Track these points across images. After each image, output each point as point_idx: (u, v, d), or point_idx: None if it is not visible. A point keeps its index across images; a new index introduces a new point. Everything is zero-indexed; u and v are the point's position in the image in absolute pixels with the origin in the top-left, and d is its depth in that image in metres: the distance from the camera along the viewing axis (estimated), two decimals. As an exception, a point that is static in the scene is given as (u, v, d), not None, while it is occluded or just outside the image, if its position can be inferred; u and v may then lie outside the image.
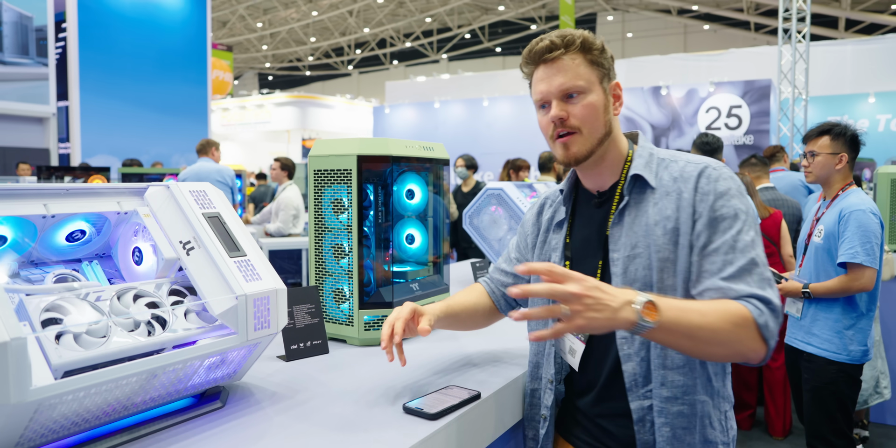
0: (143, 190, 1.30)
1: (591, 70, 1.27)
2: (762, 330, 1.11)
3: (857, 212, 2.57)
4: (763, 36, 23.14)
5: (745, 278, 1.15)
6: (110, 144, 11.18)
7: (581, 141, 1.27)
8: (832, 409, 2.66)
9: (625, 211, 1.29)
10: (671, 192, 1.25)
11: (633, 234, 1.26)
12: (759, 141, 10.21)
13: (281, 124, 23.38)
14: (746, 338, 1.10)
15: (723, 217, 1.20)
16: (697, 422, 1.24)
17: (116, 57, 11.60)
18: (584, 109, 1.26)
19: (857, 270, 2.55)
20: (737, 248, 1.17)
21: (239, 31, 29.05)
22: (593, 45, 1.27)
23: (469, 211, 2.73)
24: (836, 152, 2.70)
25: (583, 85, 1.26)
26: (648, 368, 1.25)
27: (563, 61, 1.26)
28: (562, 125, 1.27)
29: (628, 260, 1.26)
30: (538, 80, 1.30)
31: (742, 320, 1.10)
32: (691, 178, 1.24)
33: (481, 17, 27.46)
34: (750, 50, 14.26)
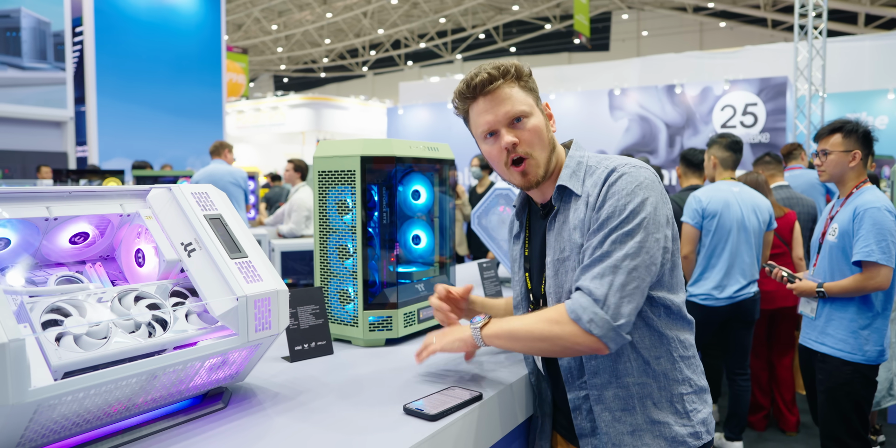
0: (146, 192, 1.31)
1: (527, 95, 1.35)
2: (577, 323, 1.19)
3: (871, 209, 2.53)
4: (780, 33, 22.87)
5: (590, 270, 1.23)
6: (127, 147, 11.31)
7: (535, 165, 1.34)
8: (847, 410, 2.61)
9: (556, 218, 1.37)
10: (586, 197, 1.32)
11: (561, 239, 1.34)
12: (776, 139, 10.08)
13: (295, 126, 23.51)
14: (565, 333, 1.20)
15: (608, 215, 1.25)
16: (637, 403, 1.32)
17: (132, 61, 11.74)
18: (531, 133, 1.33)
19: (872, 269, 2.51)
20: (605, 242, 1.23)
21: (254, 33, 29.27)
22: (523, 72, 1.35)
23: (477, 211, 2.72)
24: (849, 149, 2.66)
25: (526, 109, 1.33)
26: (581, 361, 1.34)
27: (502, 90, 1.32)
28: (515, 151, 1.33)
29: (558, 263, 1.34)
30: (481, 112, 1.35)
31: (557, 318, 1.22)
32: (600, 181, 1.30)
33: (495, 17, 27.42)
34: (766, 47, 14.10)
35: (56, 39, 11.04)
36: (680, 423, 1.32)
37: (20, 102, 10.56)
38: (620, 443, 1.31)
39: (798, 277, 2.79)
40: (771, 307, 3.78)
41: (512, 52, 29.49)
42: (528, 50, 29.09)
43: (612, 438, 1.32)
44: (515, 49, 29.35)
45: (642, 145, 11.05)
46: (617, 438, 1.32)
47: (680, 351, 1.36)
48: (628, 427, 1.31)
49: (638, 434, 1.31)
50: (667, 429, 1.31)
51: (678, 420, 1.32)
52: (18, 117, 10.61)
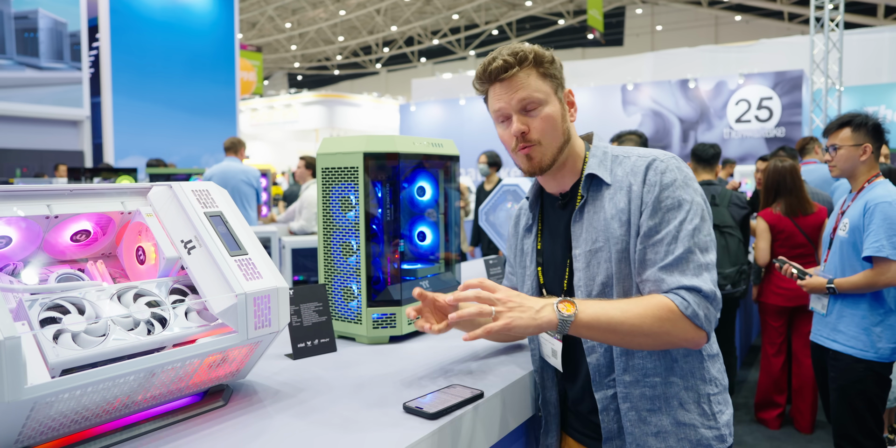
0: (147, 190, 1.31)
1: (545, 82, 1.32)
2: (693, 319, 1.17)
3: (882, 204, 2.49)
4: (797, 25, 22.56)
5: (680, 267, 1.21)
6: (142, 146, 11.42)
7: (542, 152, 1.32)
8: (860, 408, 2.57)
9: (584, 208, 1.34)
10: (623, 187, 1.30)
11: (593, 230, 1.31)
12: (791, 133, 9.95)
13: (309, 123, 23.60)
14: (675, 329, 1.17)
15: (668, 207, 1.24)
16: (663, 403, 1.28)
17: (147, 60, 11.84)
18: (543, 122, 1.31)
19: (883, 264, 2.46)
20: (678, 238, 1.22)
21: (268, 31, 29.39)
22: (544, 58, 1.32)
23: (485, 207, 2.71)
24: (860, 143, 2.62)
25: (540, 97, 1.30)
26: (611, 357, 1.31)
27: (517, 78, 1.30)
28: (523, 139, 1.32)
29: (590, 254, 1.31)
30: (495, 98, 1.34)
31: (667, 312, 1.17)
32: (640, 171, 1.29)
33: (508, 13, 27.31)
34: (781, 40, 13.92)
35: (72, 40, 11.15)
36: (706, 426, 1.30)
37: (38, 102, 10.69)
38: (644, 444, 1.28)
39: (808, 273, 2.75)
40: (791, 304, 3.72)
41: (525, 47, 29.31)
42: (542, 45, 28.90)
43: (636, 439, 1.29)
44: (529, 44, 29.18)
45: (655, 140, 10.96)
46: (641, 440, 1.28)
47: (707, 349, 1.34)
48: (653, 428, 1.28)
49: (662, 436, 1.28)
50: (692, 431, 1.29)
51: (705, 422, 1.30)
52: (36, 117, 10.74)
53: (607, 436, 1.32)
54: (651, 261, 1.23)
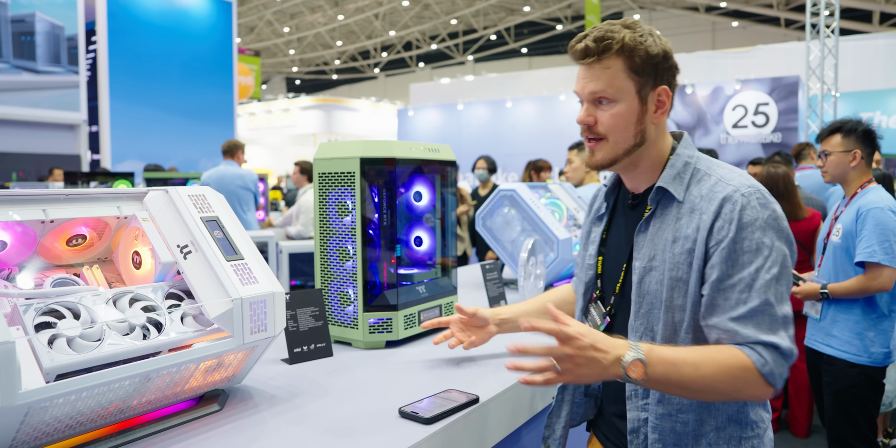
0: (143, 195, 1.31)
1: (627, 77, 1.21)
2: (767, 378, 1.09)
3: (874, 209, 2.50)
4: (794, 32, 22.65)
5: (755, 320, 1.11)
6: (139, 150, 11.40)
7: (606, 149, 1.25)
8: (854, 412, 2.58)
9: (650, 220, 1.26)
10: (696, 210, 1.20)
11: (654, 246, 1.24)
12: (788, 139, 9.98)
13: (307, 128, 23.62)
14: (746, 386, 1.10)
15: (743, 251, 1.13)
16: (691, 441, 1.21)
17: (145, 64, 11.84)
18: (612, 119, 1.22)
19: (875, 270, 2.48)
20: (754, 287, 1.12)
21: (266, 36, 29.42)
22: (635, 49, 1.20)
23: (482, 212, 2.71)
24: (850, 149, 2.64)
25: (611, 93, 1.21)
26: None
27: (597, 66, 1.22)
28: (588, 131, 1.26)
29: (644, 271, 1.24)
30: (577, 78, 1.27)
31: (742, 371, 1.09)
32: (715, 199, 1.17)
33: (507, 18, 27.37)
34: (777, 46, 13.97)
35: (70, 43, 11.14)
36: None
37: (34, 106, 10.66)
38: None
39: (802, 279, 2.76)
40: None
41: (523, 52, 29.43)
42: (539, 51, 29.01)
43: None
44: (527, 50, 29.28)
45: (653, 146, 10.98)
46: None
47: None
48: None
49: None
50: None
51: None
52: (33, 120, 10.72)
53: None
54: (721, 307, 1.14)
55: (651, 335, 1.22)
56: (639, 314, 1.24)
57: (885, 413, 3.56)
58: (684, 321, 1.19)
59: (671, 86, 1.27)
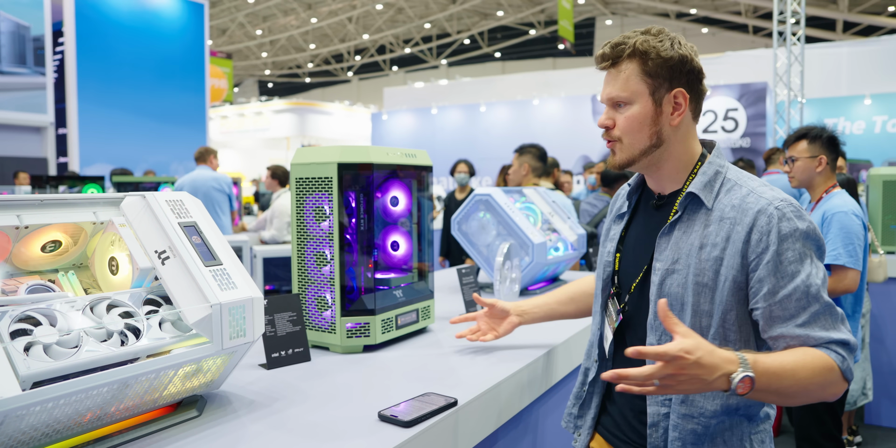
0: (120, 200, 1.30)
1: (641, 80, 1.26)
2: (845, 373, 1.16)
3: (839, 214, 2.59)
4: (761, 39, 23.18)
5: (820, 323, 1.18)
6: (108, 153, 11.21)
7: (622, 150, 1.31)
8: (820, 410, 2.66)
9: (676, 224, 1.30)
10: (725, 219, 1.23)
11: (678, 250, 1.27)
12: (756, 144, 10.21)
13: (280, 131, 23.44)
14: (831, 385, 1.16)
15: (789, 261, 1.18)
16: (708, 442, 1.26)
17: (114, 66, 11.65)
18: (626, 121, 1.29)
19: (840, 272, 2.56)
20: (810, 293, 1.17)
21: (238, 38, 29.16)
22: (648, 53, 1.25)
23: (458, 217, 2.73)
24: (815, 155, 2.73)
25: (626, 96, 1.28)
26: None
27: (613, 71, 1.30)
28: (606, 133, 1.33)
29: (666, 273, 1.28)
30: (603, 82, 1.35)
31: (829, 372, 1.15)
32: (750, 211, 1.21)
33: (480, 23, 27.53)
34: (746, 53, 14.29)
35: (36, 44, 10.92)
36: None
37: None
38: None
39: None
40: None
41: (497, 57, 29.61)
42: (513, 55, 29.23)
43: None
44: (500, 54, 29.48)
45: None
46: None
47: None
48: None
49: None
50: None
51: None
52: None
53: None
54: (782, 317, 1.18)
55: (670, 335, 1.22)
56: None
57: (849, 411, 3.66)
58: (711, 327, 1.23)
59: (692, 89, 1.30)
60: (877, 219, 4.14)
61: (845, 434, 3.71)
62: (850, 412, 3.69)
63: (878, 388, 4.02)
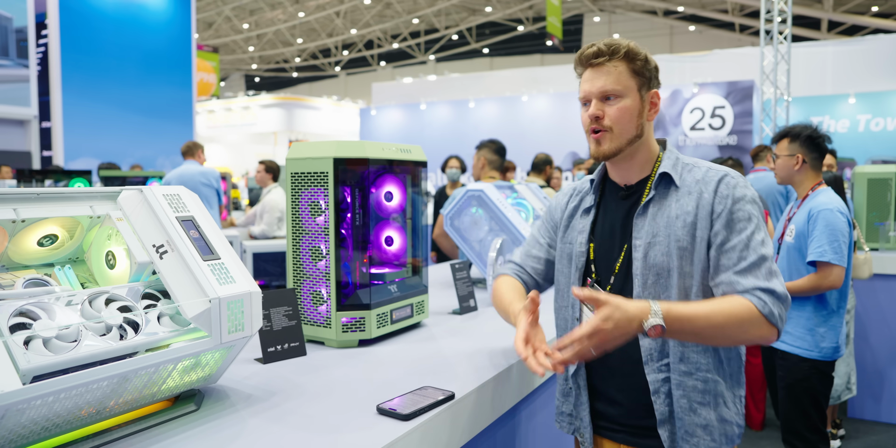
0: (117, 194, 1.30)
1: (631, 77, 1.42)
2: (769, 318, 1.30)
3: (825, 211, 2.63)
4: (748, 37, 23.34)
5: (754, 272, 1.34)
6: (94, 147, 11.08)
7: (611, 139, 1.43)
8: (806, 404, 2.71)
9: (650, 204, 1.45)
10: (693, 192, 1.42)
11: (655, 225, 1.42)
12: (743, 141, 10.30)
13: (267, 126, 23.29)
14: (753, 327, 1.30)
15: (739, 219, 1.38)
16: (712, 399, 1.39)
17: (99, 58, 11.51)
18: (618, 112, 1.42)
19: (825, 268, 2.60)
20: (750, 246, 1.35)
21: (225, 32, 28.91)
22: (636, 55, 1.42)
23: (450, 212, 2.74)
24: (793, 154, 2.79)
25: (620, 89, 1.41)
26: (665, 344, 1.41)
27: (606, 67, 1.42)
28: (596, 123, 1.44)
29: (649, 246, 1.42)
30: (584, 81, 1.47)
31: (748, 314, 1.30)
32: (712, 182, 1.41)
33: (468, 18, 27.49)
34: (733, 51, 14.39)
35: (19, 35, 10.77)
36: (738, 425, 1.44)
37: (-19, 100, 10.29)
38: (693, 433, 1.38)
39: None
40: None
41: (485, 53, 29.60)
42: (501, 51, 29.22)
43: (686, 426, 1.39)
44: (488, 50, 29.46)
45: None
46: (691, 429, 1.38)
47: (743, 355, 1.48)
48: (702, 420, 1.39)
49: (709, 429, 1.39)
50: (730, 428, 1.42)
51: (738, 421, 1.44)
52: (-21, 115, 10.34)
53: (661, 418, 1.40)
54: (724, 266, 1.36)
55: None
56: (646, 285, 1.41)
57: (833, 405, 3.72)
58: (693, 286, 1.39)
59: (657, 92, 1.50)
60: (862, 216, 4.20)
61: (829, 427, 3.77)
62: (835, 406, 3.75)
63: (861, 383, 4.09)
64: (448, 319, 2.11)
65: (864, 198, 4.21)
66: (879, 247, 4.20)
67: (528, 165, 5.97)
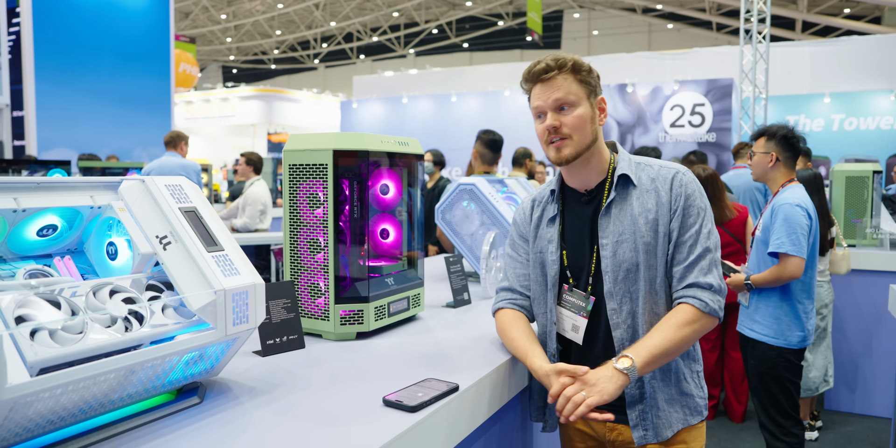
0: (118, 184, 1.28)
1: (580, 87, 1.51)
2: (710, 313, 1.47)
3: (785, 205, 2.77)
4: (724, 36, 23.62)
5: (699, 265, 1.49)
6: (68, 138, 10.84)
7: (571, 145, 1.51)
8: (775, 391, 2.84)
9: (612, 205, 1.54)
10: (650, 190, 1.53)
11: (620, 224, 1.52)
12: (722, 138, 10.44)
13: (246, 118, 23.01)
14: (703, 327, 1.47)
15: (689, 214, 1.51)
16: (672, 376, 1.55)
17: (74, 47, 11.23)
18: (574, 120, 1.50)
19: (784, 259, 2.73)
20: (698, 242, 1.49)
21: (202, 22, 28.46)
22: (581, 66, 1.52)
23: (441, 206, 2.74)
24: (768, 152, 2.91)
25: (573, 99, 1.50)
26: (635, 333, 1.51)
27: (556, 80, 1.50)
28: (555, 133, 1.51)
29: (616, 244, 1.51)
30: (535, 96, 1.54)
31: (692, 318, 1.45)
32: (667, 180, 1.53)
33: (449, 13, 27.41)
34: (712, 49, 14.55)
35: (-10, 22, 10.48)
36: (699, 396, 1.58)
37: (-50, 88, 10.01)
38: (660, 408, 1.52)
39: (736, 270, 2.97)
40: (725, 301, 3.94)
41: (465, 47, 29.56)
42: (480, 46, 29.20)
43: (656, 404, 1.52)
44: (468, 45, 29.42)
45: (594, 143, 11.26)
46: (659, 404, 1.52)
47: None
48: (665, 395, 1.53)
49: (671, 402, 1.54)
50: (691, 400, 1.56)
51: (699, 393, 1.58)
52: (-52, 104, 10.06)
53: (631, 400, 1.53)
54: (677, 260, 1.50)
55: (629, 295, 1.51)
56: (617, 281, 1.51)
57: (811, 397, 3.80)
58: (657, 277, 1.51)
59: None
60: (840, 213, 4.29)
61: (807, 419, 3.86)
62: (812, 398, 3.84)
63: (838, 376, 4.19)
64: (442, 312, 2.12)
65: (843, 195, 4.30)
66: (857, 243, 4.29)
67: (509, 159, 5.99)
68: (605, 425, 1.61)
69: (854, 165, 4.37)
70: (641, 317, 1.51)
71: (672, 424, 1.53)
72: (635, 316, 1.51)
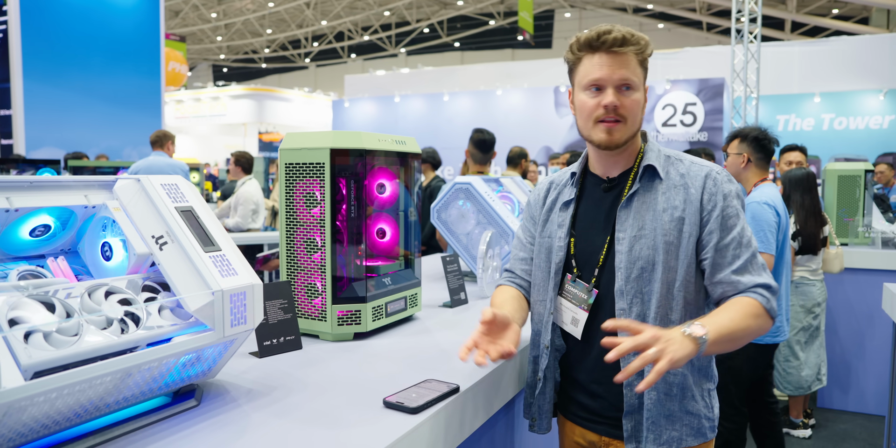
0: (112, 183, 1.25)
1: (641, 71, 1.43)
2: (770, 312, 1.36)
3: (752, 204, 2.84)
4: (714, 35, 23.73)
5: (749, 269, 1.38)
6: (57, 137, 10.73)
7: (623, 129, 1.42)
8: (727, 380, 2.91)
9: (634, 196, 1.44)
10: (678, 186, 1.42)
11: (641, 218, 1.42)
12: (713, 138, 10.47)
13: (237, 117, 22.90)
14: (764, 323, 1.35)
15: (729, 216, 1.40)
16: (679, 391, 1.41)
17: (63, 45, 11.12)
18: (633, 103, 1.41)
19: None
20: (742, 244, 1.39)
21: (192, 21, 28.29)
22: (647, 49, 1.42)
23: (437, 205, 2.72)
24: (740, 153, 3.00)
25: (636, 81, 1.40)
26: None
27: (627, 56, 1.39)
28: (613, 112, 1.40)
29: (634, 239, 1.41)
30: (596, 65, 1.39)
31: (758, 312, 1.34)
32: (698, 177, 1.43)
33: (440, 12, 27.38)
34: (704, 49, 14.60)
35: (-23, 20, 10.37)
36: (706, 417, 1.45)
37: (-63, 86, 9.88)
38: (658, 423, 1.40)
39: None
40: None
41: (456, 47, 29.53)
42: (471, 45, 29.18)
43: (652, 417, 1.40)
44: (459, 44, 29.40)
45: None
46: (656, 419, 1.40)
47: None
48: (666, 411, 1.40)
49: (672, 420, 1.41)
50: (696, 420, 1.43)
51: (706, 414, 1.45)
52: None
53: (629, 409, 1.42)
54: (720, 264, 1.39)
55: (640, 296, 1.40)
56: (630, 279, 1.40)
57: (804, 395, 3.82)
58: (677, 280, 1.39)
59: None
60: (833, 212, 4.31)
61: (801, 417, 3.87)
62: (806, 396, 3.85)
63: (831, 374, 4.21)
64: (439, 312, 2.10)
65: (835, 194, 4.31)
66: (849, 242, 4.31)
67: (502, 159, 5.97)
68: (601, 438, 1.50)
69: (846, 164, 4.39)
70: (652, 322, 1.38)
71: (667, 442, 1.40)
72: (645, 320, 1.39)
